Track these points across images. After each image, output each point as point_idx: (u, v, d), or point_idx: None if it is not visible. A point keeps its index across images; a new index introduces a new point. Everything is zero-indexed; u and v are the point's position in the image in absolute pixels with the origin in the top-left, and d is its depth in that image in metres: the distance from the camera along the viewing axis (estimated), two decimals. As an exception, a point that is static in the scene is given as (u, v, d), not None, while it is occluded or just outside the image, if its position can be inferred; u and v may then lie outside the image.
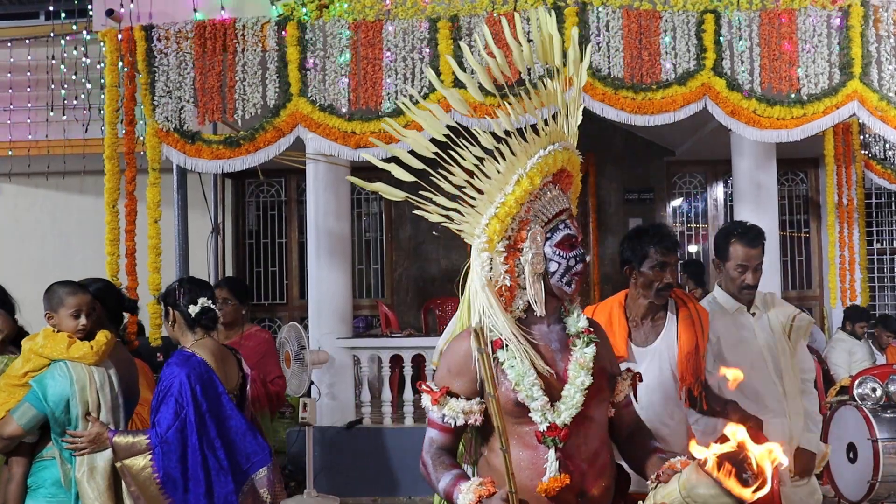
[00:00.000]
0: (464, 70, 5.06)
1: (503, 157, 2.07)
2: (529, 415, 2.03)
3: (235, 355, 3.41)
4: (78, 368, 3.11)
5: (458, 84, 5.13)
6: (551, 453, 2.00)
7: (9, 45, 7.77)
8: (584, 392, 2.04)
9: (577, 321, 2.14)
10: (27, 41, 7.72)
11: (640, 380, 2.26)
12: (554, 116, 2.15)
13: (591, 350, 2.09)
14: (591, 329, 2.16)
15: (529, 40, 2.16)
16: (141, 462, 3.00)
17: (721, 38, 5.19)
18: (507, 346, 2.06)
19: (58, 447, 3.13)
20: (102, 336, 3.21)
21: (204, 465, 3.02)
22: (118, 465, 3.03)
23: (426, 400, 2.12)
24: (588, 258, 2.20)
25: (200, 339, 3.24)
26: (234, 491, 3.07)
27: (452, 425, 2.08)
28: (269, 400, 4.39)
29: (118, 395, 3.21)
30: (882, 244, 9.57)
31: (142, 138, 5.51)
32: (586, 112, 5.51)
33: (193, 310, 3.24)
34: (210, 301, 3.29)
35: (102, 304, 3.42)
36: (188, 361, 3.11)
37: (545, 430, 2.01)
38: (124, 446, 3.03)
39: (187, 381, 3.04)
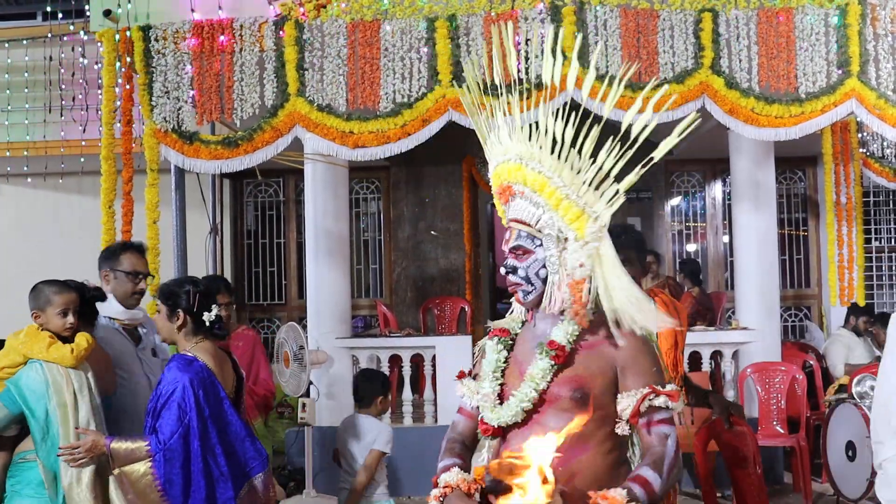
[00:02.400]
0: (462, 68, 5.08)
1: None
2: None
3: (231, 357, 3.39)
4: (54, 370, 3.09)
5: (456, 82, 5.13)
6: (487, 446, 2.13)
7: (6, 45, 7.75)
8: (525, 402, 2.04)
9: (557, 332, 2.07)
10: (24, 42, 7.70)
11: (654, 398, 2.05)
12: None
13: (543, 364, 2.04)
14: (559, 343, 2.06)
15: (527, 40, 2.18)
16: (141, 469, 2.96)
17: (719, 37, 5.20)
18: (493, 337, 2.19)
19: (40, 455, 3.07)
20: (83, 339, 3.18)
21: (206, 472, 2.99)
22: (116, 472, 2.98)
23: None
24: (520, 271, 2.14)
25: (200, 343, 3.19)
26: (234, 497, 3.04)
27: (468, 406, 2.20)
28: (257, 406, 4.35)
29: (96, 396, 3.19)
30: (880, 242, 9.58)
31: (140, 139, 5.51)
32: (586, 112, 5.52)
33: (208, 317, 3.17)
34: (219, 308, 3.25)
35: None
36: (190, 366, 3.06)
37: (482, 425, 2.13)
38: (123, 453, 2.99)
39: (190, 387, 2.99)
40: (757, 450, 3.92)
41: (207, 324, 3.18)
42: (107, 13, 5.35)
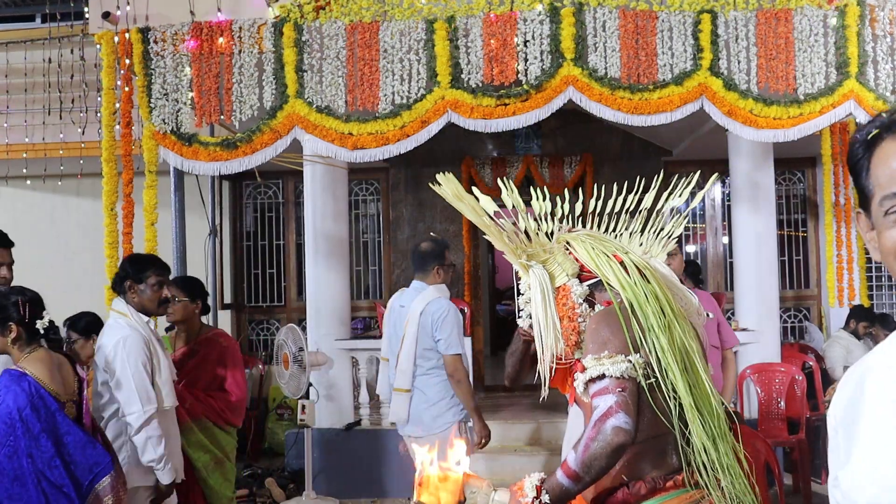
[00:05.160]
0: (461, 69, 5.09)
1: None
2: None
3: (70, 361, 3.29)
4: None
5: (455, 84, 5.13)
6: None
7: (5, 47, 7.76)
8: None
9: None
10: (24, 44, 7.70)
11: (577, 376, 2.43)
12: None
13: None
14: None
15: (526, 41, 2.19)
16: None
17: (718, 38, 5.20)
18: None
19: None
20: None
21: (38, 487, 2.92)
22: None
23: None
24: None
25: (33, 353, 3.10)
26: None
27: None
28: (214, 412, 4.20)
29: None
30: (879, 243, 9.55)
31: (139, 140, 5.50)
32: (583, 113, 5.53)
33: (41, 324, 3.12)
34: (48, 315, 3.18)
35: None
36: (18, 382, 2.99)
37: None
38: None
39: (14, 404, 2.93)
40: (773, 457, 3.87)
41: (42, 331, 3.11)
42: (105, 15, 5.36)
